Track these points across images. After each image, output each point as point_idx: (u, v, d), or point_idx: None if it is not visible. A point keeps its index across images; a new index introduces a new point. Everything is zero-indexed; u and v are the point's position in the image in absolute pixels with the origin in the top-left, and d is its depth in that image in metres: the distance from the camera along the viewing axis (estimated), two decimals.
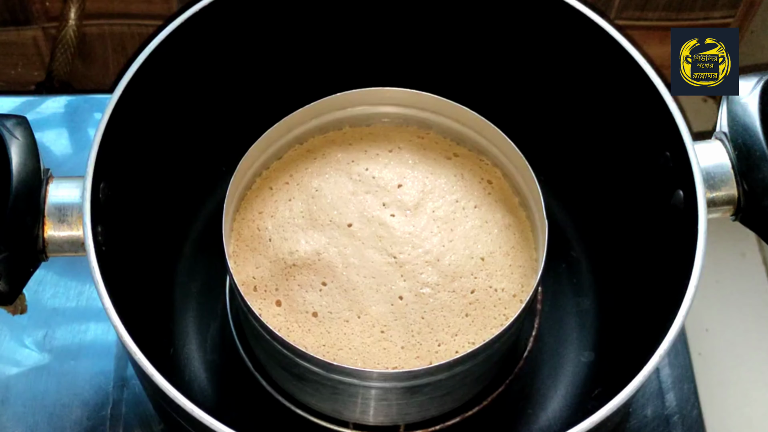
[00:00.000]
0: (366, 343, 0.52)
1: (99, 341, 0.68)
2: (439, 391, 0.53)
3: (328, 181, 0.57)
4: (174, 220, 0.67)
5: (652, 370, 0.48)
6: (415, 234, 0.55)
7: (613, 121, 0.64)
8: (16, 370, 0.67)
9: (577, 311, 0.67)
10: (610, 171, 0.66)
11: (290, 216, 0.56)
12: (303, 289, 0.53)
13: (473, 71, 0.69)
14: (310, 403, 0.58)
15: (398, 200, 0.57)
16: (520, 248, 0.56)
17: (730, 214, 0.56)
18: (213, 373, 0.64)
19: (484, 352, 0.50)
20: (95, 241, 0.51)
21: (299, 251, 0.54)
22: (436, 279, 0.54)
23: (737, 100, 0.56)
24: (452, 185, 0.58)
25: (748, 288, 0.76)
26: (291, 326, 0.52)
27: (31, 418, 0.64)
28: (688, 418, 0.66)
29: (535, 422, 0.63)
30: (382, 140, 0.60)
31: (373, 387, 0.52)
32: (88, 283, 0.70)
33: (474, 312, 0.53)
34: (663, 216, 0.57)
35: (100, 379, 0.66)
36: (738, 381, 0.71)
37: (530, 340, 0.64)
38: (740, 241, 0.78)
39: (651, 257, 0.60)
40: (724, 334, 0.74)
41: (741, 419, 0.70)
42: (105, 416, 0.64)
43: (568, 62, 0.65)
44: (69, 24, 0.77)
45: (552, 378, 0.64)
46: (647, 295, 0.59)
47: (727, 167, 0.55)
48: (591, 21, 0.60)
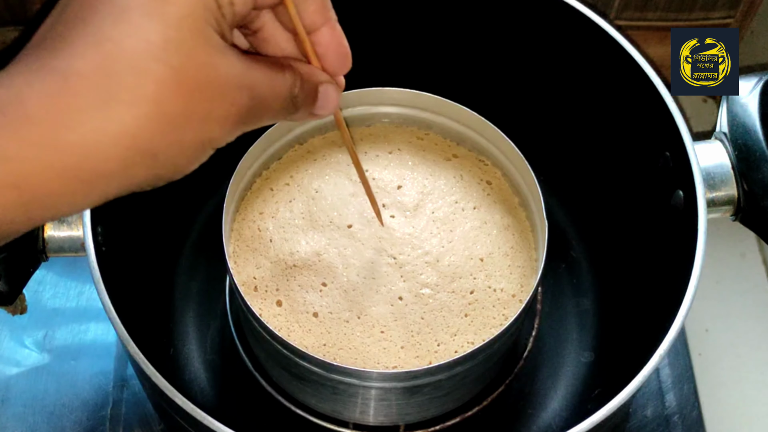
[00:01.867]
0: (366, 343, 0.52)
1: (99, 341, 0.68)
2: (439, 392, 0.53)
3: (329, 183, 0.57)
4: (174, 220, 0.67)
5: (652, 371, 0.48)
6: (414, 235, 0.55)
7: (613, 121, 0.64)
8: (16, 370, 0.67)
9: (577, 311, 0.67)
10: (610, 171, 0.66)
11: (291, 217, 0.56)
12: (303, 290, 0.53)
13: (473, 71, 0.69)
14: (310, 403, 0.58)
15: (398, 202, 0.57)
16: (520, 249, 0.56)
17: (730, 214, 0.56)
18: (213, 373, 0.64)
19: (484, 352, 0.50)
20: (95, 241, 0.51)
21: (300, 252, 0.54)
22: (435, 280, 0.54)
23: (737, 100, 0.56)
24: (451, 186, 0.58)
25: (748, 288, 0.76)
26: (292, 326, 0.52)
27: (31, 418, 0.64)
28: (688, 418, 0.66)
29: (535, 422, 0.63)
30: (382, 141, 0.60)
31: (373, 387, 0.52)
32: (88, 283, 0.70)
33: (473, 312, 0.53)
34: (663, 216, 0.57)
35: (100, 379, 0.66)
36: (738, 381, 0.71)
37: (530, 340, 0.64)
38: (740, 241, 0.78)
39: (651, 257, 0.60)
40: (724, 334, 0.74)
41: (741, 419, 0.70)
42: (105, 416, 0.64)
43: (568, 62, 0.65)
44: None
45: (552, 378, 0.64)
46: (647, 296, 0.59)
47: (727, 167, 0.55)
48: (591, 21, 0.60)
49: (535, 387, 0.64)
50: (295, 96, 0.37)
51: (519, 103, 0.68)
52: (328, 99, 0.39)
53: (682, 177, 0.55)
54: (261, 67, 0.35)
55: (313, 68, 0.39)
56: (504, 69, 0.68)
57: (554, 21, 0.62)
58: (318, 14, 0.38)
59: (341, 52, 0.40)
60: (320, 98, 0.39)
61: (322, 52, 0.39)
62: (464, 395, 0.58)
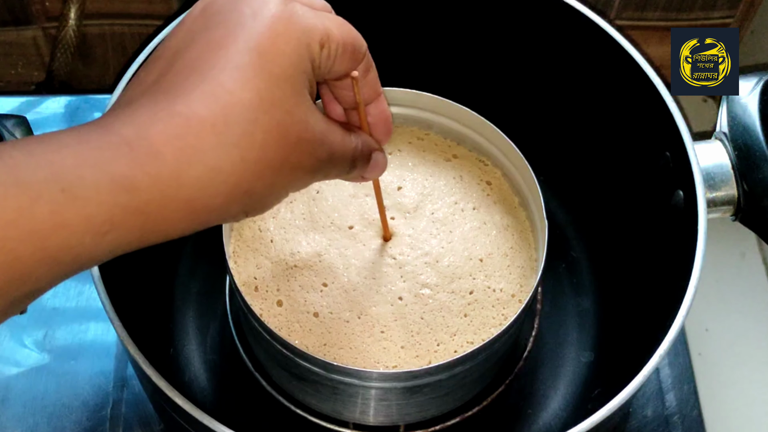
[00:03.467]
0: (366, 342, 0.52)
1: (99, 341, 0.68)
2: (439, 392, 0.53)
3: (329, 184, 0.57)
4: None
5: (652, 370, 0.48)
6: (414, 236, 0.55)
7: (613, 121, 0.64)
8: (16, 370, 0.67)
9: (577, 311, 0.67)
10: (610, 171, 0.66)
11: (292, 218, 0.56)
12: (304, 290, 0.53)
13: (473, 71, 0.69)
14: (310, 403, 0.58)
15: (398, 203, 0.57)
16: (519, 249, 0.56)
17: (730, 214, 0.56)
18: (213, 373, 0.64)
19: (484, 352, 0.50)
20: None
21: (301, 252, 0.54)
22: (435, 280, 0.54)
23: (737, 100, 0.56)
24: (451, 187, 0.58)
25: (748, 288, 0.76)
26: (292, 326, 0.52)
27: (31, 418, 0.64)
28: (688, 418, 0.66)
29: (535, 422, 0.63)
30: None
31: (373, 387, 0.52)
32: (88, 283, 0.70)
33: (473, 312, 0.53)
34: (663, 216, 0.57)
35: (100, 379, 0.66)
36: (738, 381, 0.71)
37: (530, 340, 0.64)
38: (740, 241, 0.78)
39: (651, 257, 0.60)
40: (724, 334, 0.74)
41: (741, 419, 0.70)
42: (105, 416, 0.64)
43: (568, 62, 0.65)
44: (69, 24, 0.77)
45: (552, 378, 0.64)
46: (647, 295, 0.59)
47: (727, 167, 0.55)
48: (591, 21, 0.60)
49: (535, 387, 0.64)
50: (356, 158, 0.42)
51: (519, 103, 0.68)
52: (377, 165, 0.45)
53: (682, 177, 0.55)
54: (337, 128, 0.41)
55: (368, 136, 0.45)
56: (504, 69, 0.68)
57: (554, 21, 0.62)
58: (372, 90, 0.44)
59: (387, 124, 0.46)
60: (372, 163, 0.44)
61: (372, 123, 0.45)
62: (464, 395, 0.58)
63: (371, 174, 0.45)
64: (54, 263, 0.32)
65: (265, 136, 0.35)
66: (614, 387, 0.49)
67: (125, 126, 0.33)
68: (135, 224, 0.33)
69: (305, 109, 0.37)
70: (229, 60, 0.35)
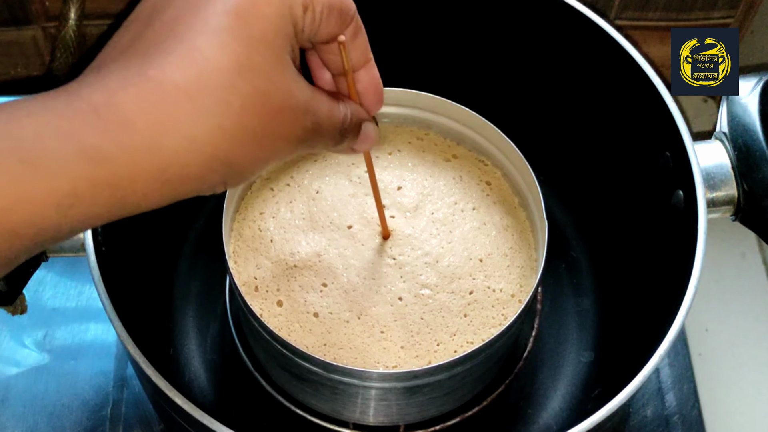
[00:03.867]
0: (366, 343, 0.52)
1: (99, 341, 0.68)
2: (439, 392, 0.53)
3: (329, 184, 0.57)
4: (174, 220, 0.67)
5: (652, 370, 0.48)
6: (414, 236, 0.55)
7: (613, 121, 0.64)
8: (16, 370, 0.67)
9: (577, 311, 0.67)
10: (610, 171, 0.66)
11: (291, 218, 0.56)
12: (304, 290, 0.53)
13: (473, 71, 0.69)
14: (310, 403, 0.58)
15: (398, 202, 0.57)
16: (519, 249, 0.56)
17: (730, 214, 0.56)
18: (213, 373, 0.64)
19: (483, 352, 0.50)
20: (95, 241, 0.51)
21: (300, 252, 0.54)
22: (435, 280, 0.54)
23: (737, 100, 0.56)
24: (451, 187, 0.58)
25: (748, 288, 0.76)
26: (292, 326, 0.52)
27: (31, 418, 0.64)
28: (688, 418, 0.66)
29: (535, 422, 0.63)
30: (382, 142, 0.60)
31: (373, 387, 0.52)
32: (88, 283, 0.70)
33: (472, 312, 0.53)
34: (663, 216, 0.57)
35: (100, 379, 0.66)
36: (738, 381, 0.71)
37: (530, 340, 0.64)
38: (740, 241, 0.78)
39: (651, 257, 0.60)
40: (724, 334, 0.74)
41: (741, 419, 0.70)
42: (105, 416, 0.64)
43: (568, 62, 0.65)
44: (69, 24, 0.77)
45: (552, 378, 0.64)
46: (647, 295, 0.59)
47: (727, 167, 0.55)
48: (591, 21, 0.60)
49: (535, 387, 0.64)
50: (344, 129, 0.40)
51: (519, 103, 0.68)
52: (368, 136, 0.42)
53: (682, 177, 0.55)
54: (323, 96, 0.38)
55: (358, 106, 0.42)
56: (504, 69, 0.68)
57: (554, 21, 0.62)
58: (361, 55, 0.41)
59: (378, 92, 0.43)
60: (362, 134, 0.42)
61: (362, 91, 0.42)
62: (464, 395, 0.58)
63: (361, 146, 0.42)
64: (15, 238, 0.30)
65: (243, 102, 0.33)
66: (614, 387, 0.49)
67: (94, 92, 0.31)
68: (103, 197, 0.31)
69: (288, 75, 0.35)
70: (207, 22, 0.33)
